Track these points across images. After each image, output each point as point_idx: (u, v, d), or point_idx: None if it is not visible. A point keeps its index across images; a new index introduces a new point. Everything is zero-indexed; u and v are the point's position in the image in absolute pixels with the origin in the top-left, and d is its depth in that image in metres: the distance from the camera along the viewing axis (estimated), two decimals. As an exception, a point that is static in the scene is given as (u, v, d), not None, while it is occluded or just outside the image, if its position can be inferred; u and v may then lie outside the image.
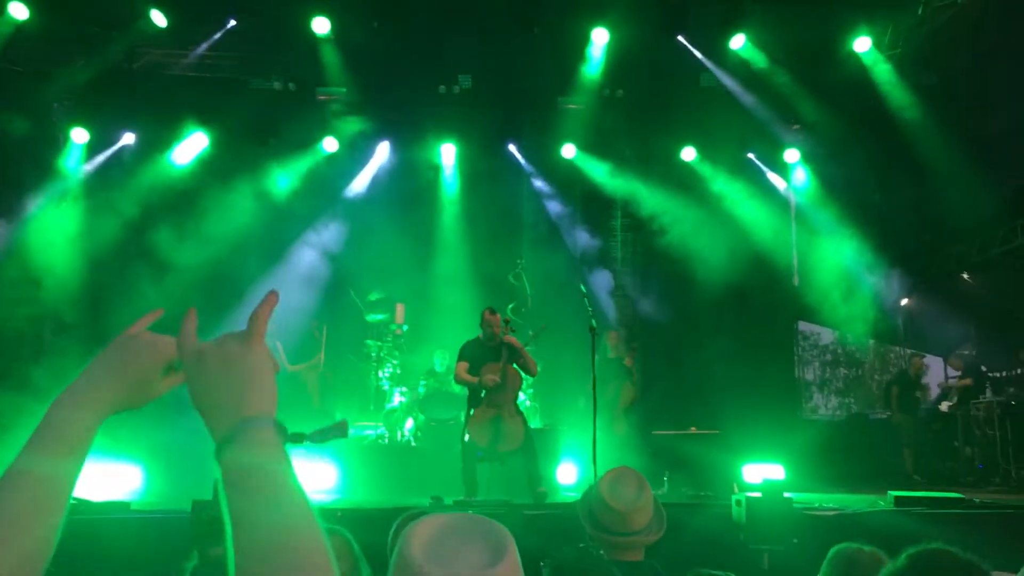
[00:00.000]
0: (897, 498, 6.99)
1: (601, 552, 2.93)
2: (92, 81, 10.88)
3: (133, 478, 8.51)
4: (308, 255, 11.71)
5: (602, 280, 12.29)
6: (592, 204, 12.56)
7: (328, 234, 11.91)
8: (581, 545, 2.57)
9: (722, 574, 2.04)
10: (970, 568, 1.69)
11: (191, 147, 11.44)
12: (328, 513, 6.21)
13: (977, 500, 7.57)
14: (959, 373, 12.79)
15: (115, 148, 11.40)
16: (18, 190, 10.96)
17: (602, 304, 11.82)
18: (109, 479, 8.15)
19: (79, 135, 11.12)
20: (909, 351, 15.19)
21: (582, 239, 12.33)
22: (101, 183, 11.20)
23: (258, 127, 11.55)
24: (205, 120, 11.35)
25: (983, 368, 12.54)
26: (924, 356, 13.22)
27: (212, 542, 2.90)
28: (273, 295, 1.17)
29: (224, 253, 10.81)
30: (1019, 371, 12.15)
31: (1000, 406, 11.09)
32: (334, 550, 2.05)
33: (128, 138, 11.44)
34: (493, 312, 8.01)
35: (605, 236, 12.51)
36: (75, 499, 5.42)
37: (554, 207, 12.50)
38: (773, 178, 12.56)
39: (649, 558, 3.12)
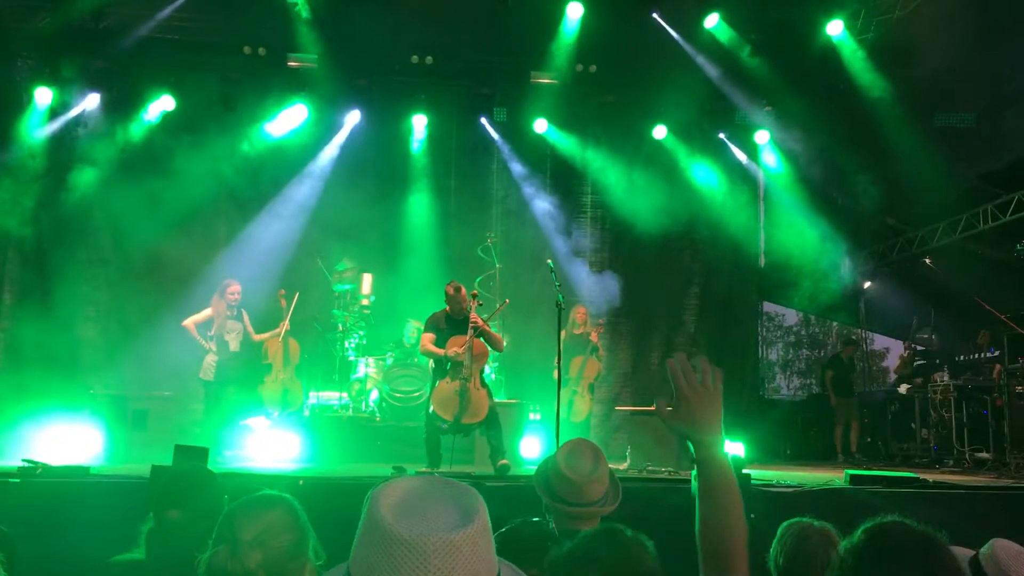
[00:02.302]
0: (852, 476, 7.12)
1: (552, 525, 2.96)
2: (56, 40, 10.62)
3: (94, 443, 8.45)
4: (275, 223, 11.57)
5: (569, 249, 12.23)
6: (562, 179, 12.54)
7: (296, 203, 11.77)
8: (536, 519, 2.58)
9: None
10: (926, 538, 1.73)
11: (157, 110, 11.20)
12: (290, 481, 6.21)
13: (930, 480, 7.73)
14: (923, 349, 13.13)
15: (79, 110, 11.14)
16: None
17: (571, 279, 11.80)
18: (68, 443, 8.09)
19: (42, 95, 10.84)
20: (867, 333, 15.46)
21: (552, 213, 12.28)
22: (63, 144, 10.98)
23: (226, 92, 11.38)
24: (172, 84, 11.15)
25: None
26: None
27: (169, 505, 2.90)
28: None
29: (190, 219, 10.69)
30: (977, 355, 12.37)
31: (956, 389, 11.30)
32: (276, 524, 2.02)
33: (92, 99, 11.19)
34: (457, 289, 7.98)
35: (575, 212, 12.50)
36: (34, 463, 5.37)
37: (524, 181, 12.45)
38: (743, 159, 12.61)
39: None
